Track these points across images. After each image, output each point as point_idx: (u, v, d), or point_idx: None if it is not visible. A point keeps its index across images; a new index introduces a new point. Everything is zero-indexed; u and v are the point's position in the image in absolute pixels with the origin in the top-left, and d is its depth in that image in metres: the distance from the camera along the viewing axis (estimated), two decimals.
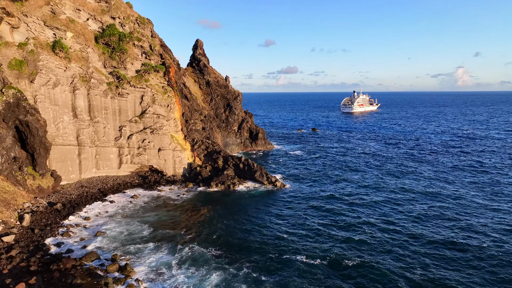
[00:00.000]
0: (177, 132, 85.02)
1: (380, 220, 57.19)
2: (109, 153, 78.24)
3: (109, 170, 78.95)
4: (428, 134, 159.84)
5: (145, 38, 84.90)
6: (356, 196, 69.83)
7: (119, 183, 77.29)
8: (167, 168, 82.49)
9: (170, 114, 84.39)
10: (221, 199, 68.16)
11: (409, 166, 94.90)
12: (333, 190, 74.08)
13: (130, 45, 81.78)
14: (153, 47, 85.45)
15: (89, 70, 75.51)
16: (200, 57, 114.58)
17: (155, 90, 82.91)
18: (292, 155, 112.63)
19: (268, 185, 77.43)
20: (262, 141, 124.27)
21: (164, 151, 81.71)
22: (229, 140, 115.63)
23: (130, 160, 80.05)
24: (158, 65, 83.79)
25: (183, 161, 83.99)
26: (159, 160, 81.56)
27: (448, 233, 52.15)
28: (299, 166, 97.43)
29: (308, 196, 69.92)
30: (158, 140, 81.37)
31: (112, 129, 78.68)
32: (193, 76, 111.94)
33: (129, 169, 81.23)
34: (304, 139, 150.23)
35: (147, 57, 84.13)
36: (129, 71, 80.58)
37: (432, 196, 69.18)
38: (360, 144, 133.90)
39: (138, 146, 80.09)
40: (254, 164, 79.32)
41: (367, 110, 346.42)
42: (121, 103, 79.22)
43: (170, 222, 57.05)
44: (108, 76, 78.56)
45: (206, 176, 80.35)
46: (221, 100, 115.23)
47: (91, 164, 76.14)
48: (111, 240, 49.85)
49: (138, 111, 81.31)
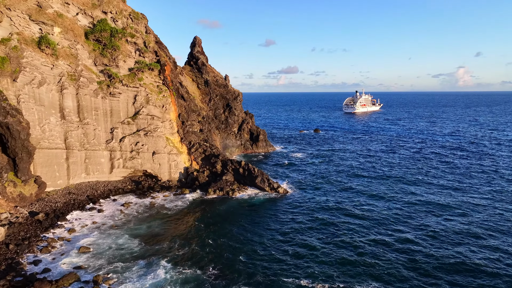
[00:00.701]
0: (172, 134, 79.86)
1: (393, 238, 50.60)
2: (99, 157, 73.15)
3: (99, 175, 73.84)
4: (434, 136, 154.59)
5: (139, 34, 79.78)
6: (363, 207, 63.32)
7: (110, 189, 72.17)
8: (162, 172, 77.34)
9: (165, 115, 79.23)
10: (219, 209, 62.98)
11: (418, 172, 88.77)
12: (338, 199, 68.24)
13: (122, 41, 76.65)
14: (148, 43, 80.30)
15: (78, 68, 70.41)
16: (198, 55, 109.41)
17: (149, 89, 77.77)
18: (295, 158, 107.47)
19: (270, 191, 72.30)
20: (263, 143, 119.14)
21: (159, 154, 76.58)
22: (228, 142, 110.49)
23: (123, 165, 74.92)
24: (153, 63, 78.65)
25: (179, 165, 78.84)
26: (154, 164, 76.42)
27: (475, 256, 45.99)
28: (302, 170, 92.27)
29: (312, 206, 64.18)
30: (152, 143, 76.25)
31: (103, 131, 73.57)
32: (191, 75, 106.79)
33: (121, 174, 76.10)
34: (307, 140, 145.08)
35: (141, 54, 78.98)
36: (121, 69, 75.45)
37: (449, 208, 62.16)
38: (365, 146, 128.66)
39: (131, 150, 74.98)
40: (255, 169, 74.16)
41: (369, 111, 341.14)
42: (113, 104, 74.10)
43: (163, 235, 51.89)
44: (98, 74, 73.44)
45: (203, 181, 75.20)
46: (220, 100, 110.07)
47: (80, 169, 71.04)
48: (97, 257, 44.72)
49: (131, 112, 76.16)
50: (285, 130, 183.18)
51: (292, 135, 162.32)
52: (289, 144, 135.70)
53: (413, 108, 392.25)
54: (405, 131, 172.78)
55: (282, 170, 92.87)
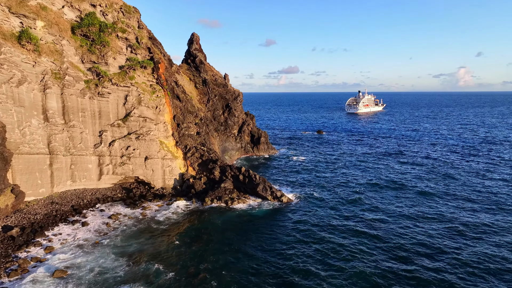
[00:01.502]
0: (167, 137, 73.74)
1: (413, 265, 44.83)
2: (87, 162, 67.07)
3: (87, 182, 67.77)
4: (443, 139, 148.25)
5: (131, 29, 73.66)
6: (375, 225, 55.07)
7: (98, 197, 66.11)
8: (155, 179, 71.22)
9: (159, 117, 73.11)
10: (217, 221, 56.79)
11: (435, 181, 79.76)
12: (347, 212, 60.64)
13: (112, 37, 70.55)
14: (140, 39, 74.18)
15: (64, 65, 64.34)
16: (196, 52, 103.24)
17: (142, 89, 71.66)
18: (298, 162, 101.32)
19: (273, 200, 66.19)
20: (264, 146, 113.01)
21: (152, 159, 70.47)
22: (228, 145, 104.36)
23: (112, 171, 68.83)
24: (146, 60, 72.54)
25: (174, 171, 72.72)
26: (146, 171, 70.31)
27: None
28: (306, 175, 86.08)
29: (319, 219, 57.31)
30: (144, 147, 70.15)
31: (90, 135, 67.49)
32: (188, 73, 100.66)
33: (111, 180, 70.02)
34: (310, 143, 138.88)
35: (132, 51, 72.90)
36: (111, 67, 69.35)
37: (478, 227, 53.56)
38: (371, 150, 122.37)
39: (122, 154, 68.89)
40: (256, 176, 68.00)
41: (372, 111, 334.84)
42: (102, 104, 68.00)
43: (153, 254, 45.74)
44: (86, 72, 67.35)
45: (200, 189, 69.07)
46: (219, 100, 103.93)
47: (65, 176, 64.97)
48: (75, 283, 38.63)
49: (122, 114, 70.04)
50: (287, 132, 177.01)
51: (295, 137, 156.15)
52: (292, 146, 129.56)
53: (416, 109, 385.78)
54: (411, 133, 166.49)
55: (285, 175, 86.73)
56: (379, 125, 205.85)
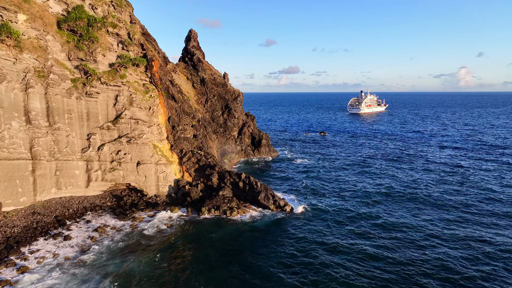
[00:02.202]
0: (161, 141, 68.38)
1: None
2: (73, 168, 61.72)
3: (73, 189, 62.43)
4: (453, 141, 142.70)
5: (122, 24, 68.31)
6: (389, 245, 48.29)
7: (86, 206, 60.79)
8: (148, 186, 65.87)
9: (153, 118, 67.77)
10: (214, 235, 51.35)
11: (451, 192, 71.13)
12: (357, 228, 54.28)
13: (102, 32, 65.22)
14: (132, 35, 68.83)
15: (48, 62, 59.00)
16: (193, 50, 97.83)
17: (134, 88, 66.30)
18: (301, 166, 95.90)
19: (275, 210, 60.83)
20: (266, 148, 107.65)
21: (145, 165, 65.12)
22: (227, 148, 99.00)
23: (101, 177, 63.49)
24: (138, 58, 67.20)
25: (168, 178, 67.35)
26: (138, 177, 64.96)
27: None
28: (311, 181, 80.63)
29: (326, 237, 50.94)
30: (136, 152, 64.81)
31: (77, 138, 62.15)
32: (185, 72, 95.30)
33: (100, 187, 64.68)
34: (313, 145, 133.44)
35: (124, 47, 67.56)
36: (100, 64, 64.01)
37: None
38: (379, 154, 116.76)
39: (111, 159, 63.54)
40: (258, 183, 62.60)
41: (375, 111, 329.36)
42: (90, 105, 62.66)
43: (140, 276, 40.36)
44: (73, 70, 62.03)
45: (196, 197, 63.69)
46: (218, 101, 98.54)
47: (50, 183, 59.63)
48: None
49: (112, 115, 64.70)
50: (289, 133, 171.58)
51: (297, 138, 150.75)
52: (295, 148, 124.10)
53: (419, 109, 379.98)
54: (417, 135, 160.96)
55: (288, 180, 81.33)
56: (383, 126, 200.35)
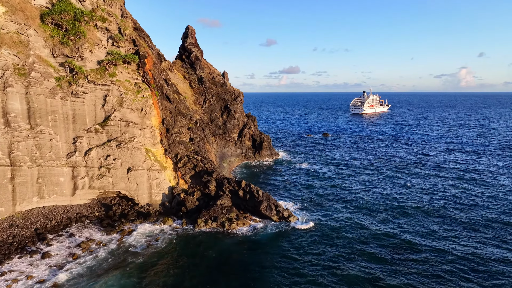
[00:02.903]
0: (154, 145, 63.10)
1: None
2: (58, 174, 56.47)
3: (58, 198, 57.18)
4: (462, 143, 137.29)
5: (113, 18, 63.06)
6: (404, 267, 42.73)
7: (71, 217, 55.56)
8: (139, 194, 60.59)
9: (145, 120, 62.49)
10: (210, 251, 46.02)
11: (476, 205, 63.79)
12: (371, 247, 47.93)
13: (90, 26, 59.97)
14: (123, 30, 63.56)
15: (29, 59, 53.78)
16: (191, 47, 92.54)
17: (124, 88, 61.02)
18: (305, 170, 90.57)
19: (278, 221, 55.52)
20: (267, 151, 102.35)
21: (136, 171, 59.84)
22: (227, 151, 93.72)
23: (88, 185, 58.23)
24: (130, 55, 61.96)
25: (162, 185, 62.08)
26: (129, 184, 59.70)
27: None
28: (316, 188, 75.29)
29: (333, 251, 45.91)
30: (127, 157, 59.54)
31: (62, 142, 56.91)
32: (182, 71, 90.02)
33: (88, 196, 59.43)
34: (316, 147, 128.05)
35: (114, 43, 62.33)
36: (87, 62, 58.75)
37: None
38: (386, 158, 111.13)
39: (100, 165, 58.28)
40: (259, 192, 57.28)
41: (377, 112, 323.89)
42: (76, 106, 57.40)
43: None
44: (57, 68, 56.80)
45: (192, 207, 58.38)
46: (217, 101, 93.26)
47: (31, 191, 54.39)
48: None
49: (100, 117, 59.43)
50: (291, 134, 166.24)
51: (299, 140, 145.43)
52: (297, 151, 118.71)
53: (422, 110, 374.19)
54: (425, 138, 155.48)
55: (291, 187, 76.00)
56: (387, 127, 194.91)
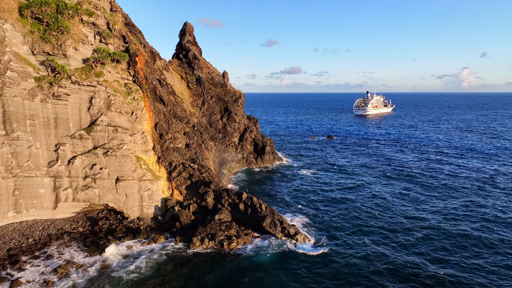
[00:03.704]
0: (146, 152, 57.13)
1: None
2: (37, 186, 50.59)
3: (37, 212, 51.30)
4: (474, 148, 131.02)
5: (101, 12, 57.15)
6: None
7: (51, 233, 49.66)
8: (129, 207, 54.62)
9: (136, 125, 56.53)
10: (207, 277, 39.99)
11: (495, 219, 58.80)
12: (386, 267, 42.93)
13: (75, 21, 54.05)
14: (112, 25, 57.62)
15: (5, 57, 47.94)
16: (189, 45, 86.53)
17: (113, 89, 55.06)
18: (312, 178, 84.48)
19: (283, 238, 49.48)
20: (270, 156, 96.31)
21: (125, 181, 53.88)
22: (227, 156, 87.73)
23: (72, 197, 52.30)
24: (119, 52, 56.01)
25: (154, 197, 56.09)
26: (117, 196, 53.75)
27: None
28: (325, 198, 69.26)
29: (345, 273, 40.54)
30: (115, 166, 53.60)
31: (43, 149, 51.02)
32: (179, 71, 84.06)
33: (71, 209, 53.52)
34: (321, 150, 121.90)
35: (102, 39, 56.40)
36: (71, 60, 52.83)
37: None
38: (393, 162, 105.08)
39: (85, 175, 52.36)
40: (262, 206, 51.23)
41: (381, 113, 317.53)
42: (58, 109, 51.48)
43: None
44: (37, 67, 50.91)
45: (187, 222, 52.37)
46: (216, 103, 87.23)
47: (6, 205, 48.57)
48: None
49: (85, 122, 53.47)
50: (294, 136, 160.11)
51: (303, 143, 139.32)
52: (301, 156, 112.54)
53: (426, 110, 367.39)
54: (434, 142, 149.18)
55: (296, 197, 69.92)
56: (393, 130, 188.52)
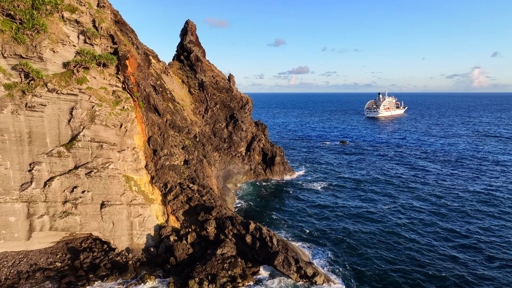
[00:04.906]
0: (137, 171, 48.94)
1: None
2: (7, 213, 42.79)
3: (7, 244, 43.51)
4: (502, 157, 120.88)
5: (86, 7, 49.10)
6: None
7: (21, 271, 41.79)
8: (116, 236, 46.48)
9: (126, 140, 48.35)
10: None
11: None
12: None
13: (54, 18, 46.10)
14: (99, 23, 49.52)
15: None
16: (190, 46, 78.20)
17: (98, 97, 46.95)
18: (328, 194, 75.55)
19: (299, 280, 40.88)
20: (280, 167, 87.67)
21: (112, 207, 45.78)
22: (232, 168, 79.35)
23: (49, 225, 44.36)
24: (106, 55, 47.89)
25: (146, 224, 47.89)
26: (103, 224, 45.66)
27: None
28: (346, 222, 60.44)
29: None
30: (100, 188, 45.52)
31: (14, 170, 43.15)
32: (180, 74, 75.89)
33: (49, 239, 45.60)
34: (336, 159, 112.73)
35: (87, 40, 48.35)
36: (49, 64, 44.86)
37: None
38: (422, 176, 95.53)
39: (64, 200, 44.38)
40: (273, 240, 42.65)
41: (394, 115, 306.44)
42: (33, 123, 43.56)
43: None
44: (8, 72, 43.06)
45: (184, 257, 43.98)
46: (221, 110, 78.86)
47: None
48: None
49: (65, 137, 45.45)
50: (305, 142, 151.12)
51: (315, 149, 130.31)
52: (314, 165, 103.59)
53: (440, 112, 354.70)
54: (457, 150, 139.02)
55: (312, 221, 61.25)
56: (409, 134, 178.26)
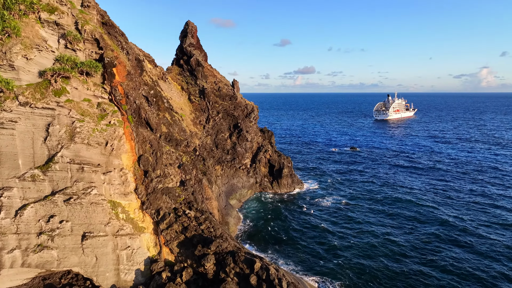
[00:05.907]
0: (125, 195, 42.48)
1: None
2: None
3: None
4: None
5: (67, 7, 42.83)
6: None
7: None
8: (100, 273, 40.08)
9: (112, 159, 41.92)
10: None
11: None
12: None
13: (29, 19, 39.87)
14: (82, 25, 43.17)
15: None
16: (191, 49, 71.64)
17: (80, 111, 40.59)
18: (339, 211, 68.65)
19: None
20: (288, 179, 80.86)
21: (95, 239, 39.40)
22: (236, 182, 72.74)
23: (22, 261, 38.08)
24: (89, 62, 41.52)
25: (135, 257, 41.42)
26: (84, 258, 39.30)
27: None
28: (366, 247, 53.55)
29: None
30: (81, 217, 39.16)
31: None
32: (179, 80, 69.45)
33: (21, 275, 39.30)
34: (348, 168, 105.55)
35: (68, 45, 42.01)
36: (23, 73, 38.60)
37: None
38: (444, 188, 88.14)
39: (39, 231, 38.10)
40: (283, 283, 35.91)
41: (403, 117, 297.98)
42: (2, 141, 37.32)
43: None
44: None
45: None
46: (224, 119, 72.25)
47: None
48: None
49: (41, 158, 39.13)
50: (313, 148, 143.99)
51: (324, 157, 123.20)
52: (325, 175, 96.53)
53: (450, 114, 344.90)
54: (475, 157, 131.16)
55: (326, 244, 54.45)
56: (422, 140, 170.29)
